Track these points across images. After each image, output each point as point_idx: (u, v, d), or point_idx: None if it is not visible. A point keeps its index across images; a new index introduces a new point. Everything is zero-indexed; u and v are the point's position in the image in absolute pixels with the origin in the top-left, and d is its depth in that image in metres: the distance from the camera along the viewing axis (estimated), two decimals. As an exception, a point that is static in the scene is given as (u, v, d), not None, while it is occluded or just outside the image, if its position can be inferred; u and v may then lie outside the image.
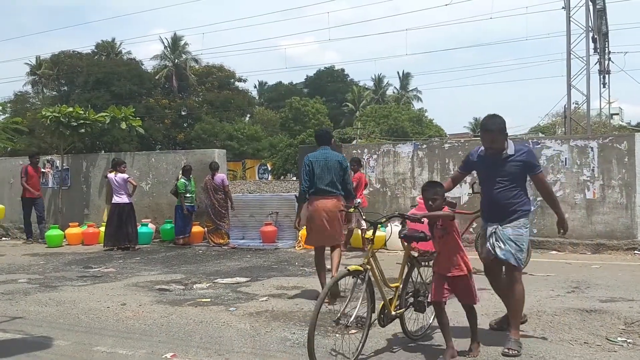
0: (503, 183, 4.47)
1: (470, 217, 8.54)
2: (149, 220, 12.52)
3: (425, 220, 4.30)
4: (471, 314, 4.27)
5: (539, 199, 10.21)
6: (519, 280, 4.52)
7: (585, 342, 4.58)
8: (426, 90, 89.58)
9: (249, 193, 21.63)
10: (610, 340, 4.61)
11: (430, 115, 62.20)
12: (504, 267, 4.61)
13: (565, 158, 10.08)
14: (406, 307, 4.54)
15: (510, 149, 4.47)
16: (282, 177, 44.44)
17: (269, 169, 46.30)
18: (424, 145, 11.79)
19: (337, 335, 4.13)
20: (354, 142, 39.34)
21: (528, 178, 4.64)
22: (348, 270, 4.06)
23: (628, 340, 4.61)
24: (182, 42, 57.43)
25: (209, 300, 6.38)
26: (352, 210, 4.69)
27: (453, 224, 4.15)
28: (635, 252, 9.34)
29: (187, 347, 4.63)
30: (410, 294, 4.62)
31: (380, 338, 4.70)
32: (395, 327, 4.62)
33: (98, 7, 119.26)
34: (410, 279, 4.64)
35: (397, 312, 4.38)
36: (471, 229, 8.64)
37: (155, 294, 6.80)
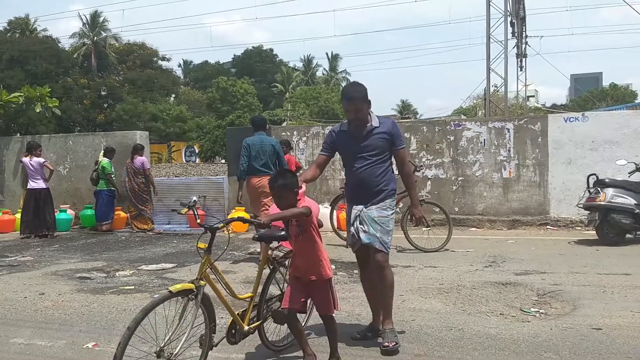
0: (368, 159, 4.08)
1: (397, 198, 8.75)
2: (68, 205, 12.03)
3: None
4: (330, 326, 3.68)
5: (460, 178, 10.68)
6: (387, 265, 4.13)
7: (501, 314, 4.83)
8: (355, 72, 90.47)
9: (175, 176, 21.15)
10: (524, 311, 4.89)
11: (359, 97, 62.90)
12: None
13: (484, 139, 10.53)
14: (264, 318, 3.87)
15: (375, 121, 4.11)
16: (210, 160, 43.66)
17: (197, 151, 45.30)
18: (351, 127, 11.93)
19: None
20: (284, 123, 39.21)
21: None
22: (170, 292, 3.28)
23: (540, 311, 4.91)
24: (102, 19, 54.85)
25: (132, 287, 6.21)
26: (184, 211, 3.87)
27: (310, 221, 3.54)
28: (548, 227, 9.95)
29: (109, 336, 4.48)
30: (276, 299, 3.99)
31: (236, 351, 3.98)
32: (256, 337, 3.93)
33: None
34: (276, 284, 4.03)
35: (253, 326, 3.74)
36: (397, 209, 8.85)
37: (75, 283, 6.53)
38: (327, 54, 70.05)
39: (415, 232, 8.36)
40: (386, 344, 3.88)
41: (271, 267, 3.96)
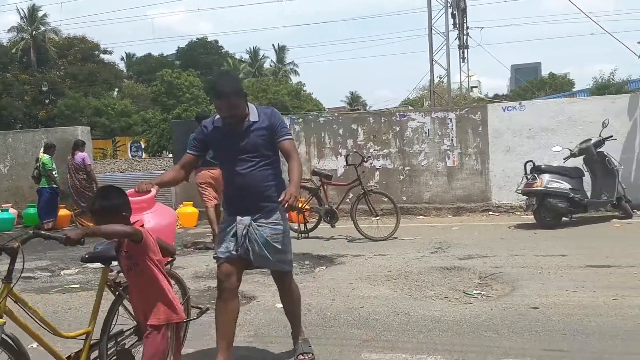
0: (251, 161, 3.39)
1: (345, 188, 8.92)
2: (10, 205, 11.65)
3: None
4: None
5: (407, 168, 10.92)
6: (292, 282, 3.70)
7: (445, 297, 5.03)
8: (303, 64, 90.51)
9: (120, 172, 20.69)
10: (467, 294, 5.11)
11: (309, 89, 63.02)
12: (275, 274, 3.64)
13: (428, 129, 10.80)
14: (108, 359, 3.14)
15: (253, 115, 3.42)
16: (157, 155, 42.71)
17: (143, 146, 44.24)
18: (300, 119, 12.00)
19: None
20: (232, 116, 38.75)
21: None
22: None
23: (482, 293, 5.14)
24: (41, 13, 52.71)
25: (77, 286, 6.09)
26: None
27: (144, 250, 2.73)
28: (490, 212, 10.32)
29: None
30: (129, 334, 3.25)
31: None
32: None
33: None
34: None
35: None
36: (347, 199, 9.03)
37: (19, 283, 6.29)
38: (273, 45, 69.48)
39: (365, 221, 8.54)
40: (301, 357, 3.62)
41: (116, 293, 3.24)
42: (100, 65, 53.61)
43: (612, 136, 8.97)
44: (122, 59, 71.20)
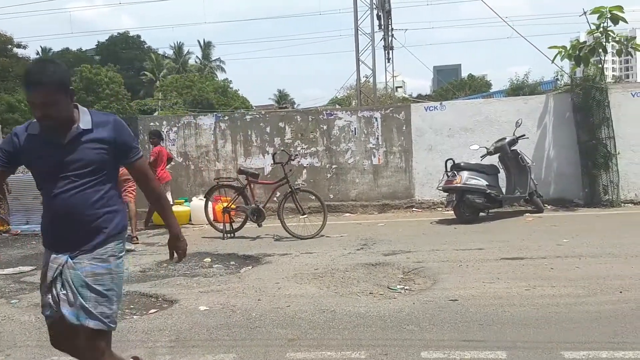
0: (76, 180, 2.57)
1: (272, 187, 8.88)
2: None
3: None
4: None
5: (334, 166, 11.03)
6: (108, 353, 2.63)
7: (370, 293, 5.11)
8: (229, 61, 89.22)
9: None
10: (391, 289, 5.21)
11: (236, 86, 62.19)
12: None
13: (355, 128, 10.97)
14: None
15: (85, 121, 2.59)
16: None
17: (60, 144, 42.15)
18: (226, 117, 11.83)
19: None
20: (156, 113, 37.73)
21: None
22: None
23: (405, 287, 5.26)
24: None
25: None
26: None
27: None
28: (413, 209, 10.63)
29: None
30: None
31: None
32: None
33: None
34: None
35: None
36: (275, 198, 8.99)
37: None
38: (199, 41, 68.05)
39: (292, 220, 8.55)
40: None
41: None
42: (13, 59, 50.70)
43: (524, 135, 9.47)
44: (37, 53, 67.32)
